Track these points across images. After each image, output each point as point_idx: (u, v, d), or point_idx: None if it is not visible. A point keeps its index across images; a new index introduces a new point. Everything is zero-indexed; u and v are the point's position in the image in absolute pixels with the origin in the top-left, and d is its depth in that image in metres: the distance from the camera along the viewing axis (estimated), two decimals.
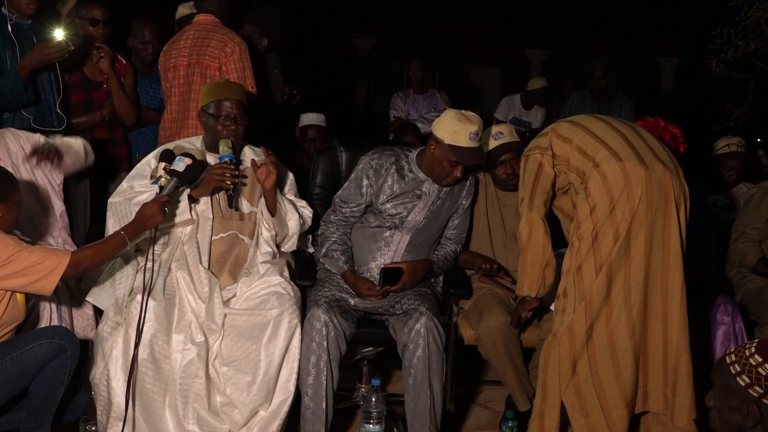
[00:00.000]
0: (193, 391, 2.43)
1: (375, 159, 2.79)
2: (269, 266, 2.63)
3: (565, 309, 2.41)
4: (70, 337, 2.33)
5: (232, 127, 2.63)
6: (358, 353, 2.88)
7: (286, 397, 2.49)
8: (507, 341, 2.73)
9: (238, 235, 2.70)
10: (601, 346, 2.36)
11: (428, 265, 2.80)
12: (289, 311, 2.51)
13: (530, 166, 2.53)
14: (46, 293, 2.33)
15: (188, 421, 2.42)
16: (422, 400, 2.52)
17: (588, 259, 2.36)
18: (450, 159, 2.66)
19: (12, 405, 2.36)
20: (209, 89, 2.72)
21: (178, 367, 2.43)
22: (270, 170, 2.63)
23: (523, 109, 5.76)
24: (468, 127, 2.63)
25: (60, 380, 2.28)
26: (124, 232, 2.40)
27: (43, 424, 2.31)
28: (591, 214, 2.37)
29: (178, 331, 2.46)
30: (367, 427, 2.55)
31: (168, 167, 2.47)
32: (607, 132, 2.47)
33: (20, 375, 2.26)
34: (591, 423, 2.38)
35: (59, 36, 2.97)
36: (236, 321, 2.52)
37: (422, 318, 2.54)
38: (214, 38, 3.20)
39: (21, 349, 2.25)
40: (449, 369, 2.62)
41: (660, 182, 2.34)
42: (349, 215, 2.82)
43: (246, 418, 2.46)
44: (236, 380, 2.46)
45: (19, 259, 2.23)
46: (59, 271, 2.26)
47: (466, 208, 2.89)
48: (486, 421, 3.05)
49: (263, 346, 2.47)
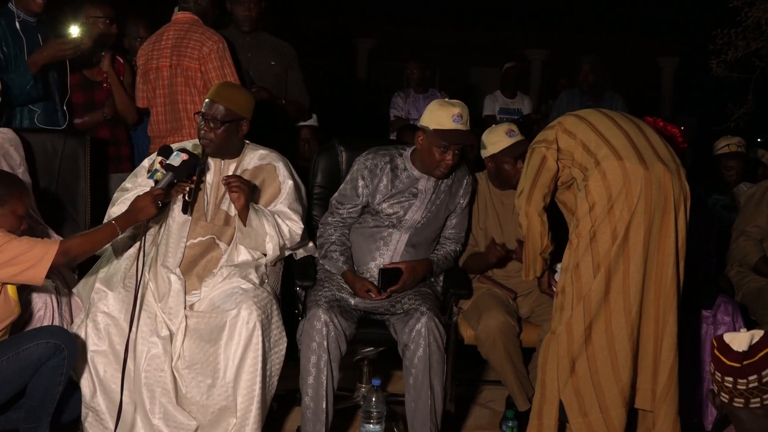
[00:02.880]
0: (159, 384, 2.42)
1: (369, 159, 2.79)
2: (232, 269, 2.60)
3: (563, 306, 2.41)
4: (67, 336, 2.33)
5: (205, 129, 2.62)
6: (359, 353, 2.88)
7: (251, 398, 2.43)
8: (506, 341, 2.73)
9: (215, 240, 2.68)
10: (600, 347, 2.36)
11: (427, 264, 2.80)
12: (247, 311, 2.44)
13: (534, 159, 2.53)
14: (36, 282, 2.32)
15: (155, 415, 2.41)
16: (423, 399, 2.52)
17: (586, 258, 2.36)
18: (437, 144, 2.66)
19: (11, 405, 2.36)
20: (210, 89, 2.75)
21: (143, 360, 2.43)
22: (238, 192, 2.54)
23: (507, 99, 5.79)
24: (450, 110, 2.67)
25: (57, 380, 2.28)
26: (116, 222, 2.42)
27: (41, 423, 2.31)
28: (590, 212, 2.37)
29: (144, 324, 2.45)
30: (367, 427, 2.54)
31: (164, 161, 2.50)
32: (610, 129, 2.46)
33: (17, 375, 2.26)
34: (589, 422, 2.38)
35: (75, 33, 2.99)
36: (198, 324, 2.51)
37: (423, 318, 2.54)
38: (192, 38, 3.15)
39: (17, 349, 2.25)
40: (449, 369, 2.62)
41: (660, 182, 2.34)
42: (347, 216, 2.82)
43: (209, 421, 2.44)
44: (196, 383, 2.46)
45: (7, 250, 2.24)
46: (48, 258, 2.26)
47: (464, 207, 2.89)
48: (486, 421, 3.05)
49: (222, 348, 2.45)
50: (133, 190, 2.66)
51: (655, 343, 2.40)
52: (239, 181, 2.55)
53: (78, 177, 3.02)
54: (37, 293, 2.53)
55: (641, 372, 2.43)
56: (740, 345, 1.56)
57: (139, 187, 2.68)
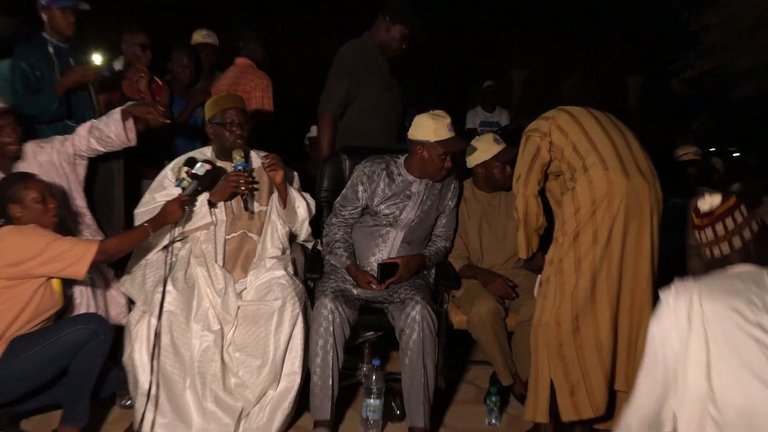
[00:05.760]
0: (210, 373, 2.42)
1: (368, 167, 2.79)
2: (275, 261, 2.61)
3: (546, 295, 2.42)
4: (103, 323, 2.34)
5: (238, 132, 2.63)
6: (361, 337, 2.87)
7: (293, 378, 2.48)
8: (495, 324, 2.74)
9: (247, 234, 2.69)
10: (587, 337, 2.37)
11: (421, 259, 2.79)
12: (291, 302, 2.49)
13: (529, 147, 2.50)
14: (78, 277, 2.33)
15: (207, 399, 2.41)
16: (417, 377, 2.52)
17: (569, 254, 2.37)
18: (440, 153, 2.67)
19: (54, 383, 2.37)
20: (212, 102, 2.72)
21: (197, 352, 2.42)
22: (276, 169, 2.63)
23: (486, 113, 5.80)
24: (444, 121, 2.68)
25: (95, 361, 2.28)
26: (148, 224, 2.45)
27: (82, 398, 2.32)
28: (575, 214, 2.37)
29: (197, 320, 2.45)
30: (368, 402, 2.55)
31: (190, 171, 2.53)
32: (599, 136, 2.43)
33: (59, 357, 2.27)
34: (575, 400, 2.39)
35: (97, 60, 3.02)
36: (247, 311, 2.51)
37: (417, 306, 2.53)
38: (246, 77, 3.62)
39: (59, 334, 2.27)
40: (440, 350, 2.61)
41: (638, 192, 2.34)
42: (348, 217, 2.82)
43: (257, 397, 2.45)
44: (248, 364, 2.46)
45: (53, 247, 2.25)
46: (89, 256, 2.28)
47: (452, 209, 2.89)
48: (473, 396, 3.04)
49: (272, 333, 2.46)
50: (156, 202, 2.63)
51: (630, 333, 2.40)
52: (276, 159, 2.63)
53: (112, 183, 3.03)
54: (75, 285, 2.54)
55: (619, 358, 2.43)
56: (702, 206, 1.80)
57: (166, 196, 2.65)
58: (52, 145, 2.77)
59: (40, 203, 2.34)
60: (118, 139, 2.71)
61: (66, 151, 2.77)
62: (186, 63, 3.64)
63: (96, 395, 2.39)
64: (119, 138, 2.70)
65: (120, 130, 2.68)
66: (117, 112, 2.70)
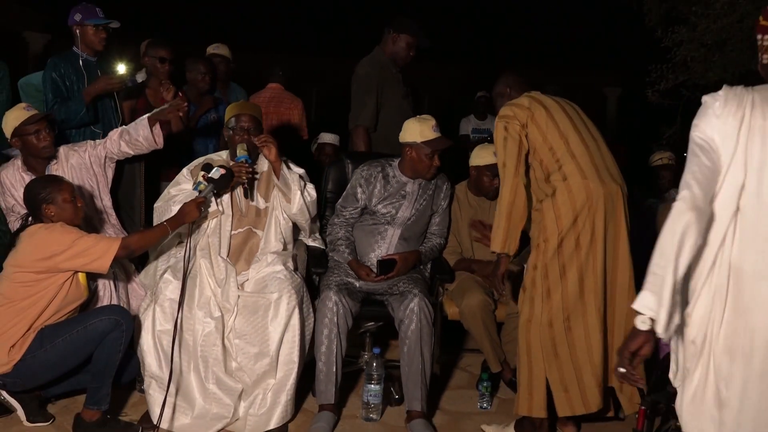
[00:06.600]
0: (212, 356, 2.46)
1: (365, 170, 2.86)
2: (276, 256, 2.65)
3: (534, 299, 2.35)
4: (125, 313, 2.39)
5: (245, 137, 2.69)
6: (362, 327, 2.92)
7: (290, 366, 2.48)
8: (485, 316, 2.79)
9: (252, 230, 2.72)
10: (578, 336, 2.34)
11: (417, 254, 2.85)
12: (287, 295, 2.49)
13: (513, 134, 2.35)
14: (102, 271, 2.38)
15: (209, 381, 2.45)
16: (415, 365, 2.55)
17: (553, 260, 2.33)
18: (427, 152, 2.73)
19: (79, 369, 2.42)
20: (231, 108, 2.79)
21: (200, 337, 2.46)
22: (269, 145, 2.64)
23: (478, 120, 5.91)
24: (429, 123, 2.74)
25: (117, 349, 2.33)
26: (167, 223, 2.49)
27: (104, 384, 2.36)
28: (557, 221, 2.33)
29: (200, 307, 2.48)
30: (369, 387, 2.60)
31: (206, 175, 2.58)
32: (574, 139, 2.38)
33: (84, 345, 2.32)
34: (569, 396, 2.36)
35: (121, 70, 3.07)
36: (246, 301, 2.54)
37: (415, 298, 2.58)
38: (284, 100, 4.09)
39: (85, 324, 2.32)
40: (437, 339, 2.65)
41: (612, 197, 2.35)
42: (349, 217, 2.88)
43: (254, 381, 2.47)
44: (246, 351, 2.48)
45: (79, 243, 2.30)
46: (112, 252, 2.33)
47: (445, 208, 2.94)
48: (466, 381, 3.07)
49: (269, 322, 2.49)
50: (179, 197, 2.70)
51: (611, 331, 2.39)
52: (267, 136, 2.66)
53: (134, 185, 3.08)
54: (99, 278, 2.58)
55: (612, 357, 2.36)
56: None
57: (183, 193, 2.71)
58: (85, 148, 2.84)
59: (70, 203, 2.40)
60: (146, 143, 2.81)
61: (98, 154, 2.84)
62: (204, 70, 3.64)
63: (117, 381, 2.43)
64: (147, 141, 2.81)
65: (148, 134, 2.78)
66: (144, 118, 2.81)
